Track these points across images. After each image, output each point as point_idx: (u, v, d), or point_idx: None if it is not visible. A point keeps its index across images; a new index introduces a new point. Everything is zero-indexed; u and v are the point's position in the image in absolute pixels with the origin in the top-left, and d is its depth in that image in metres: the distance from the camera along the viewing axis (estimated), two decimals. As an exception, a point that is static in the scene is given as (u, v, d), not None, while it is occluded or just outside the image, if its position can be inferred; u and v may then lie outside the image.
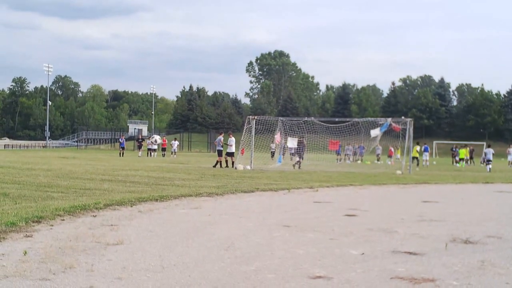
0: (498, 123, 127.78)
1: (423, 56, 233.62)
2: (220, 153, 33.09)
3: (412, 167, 33.04)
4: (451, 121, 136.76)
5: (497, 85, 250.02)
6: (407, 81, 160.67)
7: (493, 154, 41.32)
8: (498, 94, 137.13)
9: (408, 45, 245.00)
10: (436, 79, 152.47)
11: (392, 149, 50.66)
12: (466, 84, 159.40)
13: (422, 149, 49.23)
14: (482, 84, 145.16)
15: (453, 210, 13.65)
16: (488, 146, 43.58)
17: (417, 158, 42.99)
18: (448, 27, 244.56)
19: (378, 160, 51.54)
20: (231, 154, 32.86)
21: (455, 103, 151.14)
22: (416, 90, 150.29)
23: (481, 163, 55.38)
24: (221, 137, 34.34)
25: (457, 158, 52.62)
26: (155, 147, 56.25)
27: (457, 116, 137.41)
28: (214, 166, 31.63)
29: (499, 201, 17.16)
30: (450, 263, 7.20)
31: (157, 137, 56.66)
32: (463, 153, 51.47)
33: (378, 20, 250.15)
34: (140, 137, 62.37)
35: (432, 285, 6.09)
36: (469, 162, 53.11)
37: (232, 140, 32.93)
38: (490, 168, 38.51)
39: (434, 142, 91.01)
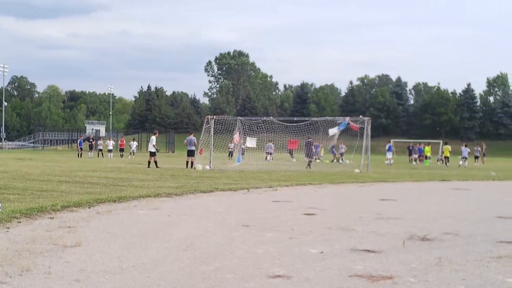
0: (454, 122, 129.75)
1: (381, 55, 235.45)
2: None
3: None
4: (408, 120, 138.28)
5: (452, 84, 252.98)
6: (365, 80, 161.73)
7: (468, 152, 46.04)
8: (454, 93, 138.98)
9: (366, 44, 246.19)
10: (393, 78, 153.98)
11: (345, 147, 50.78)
12: (423, 83, 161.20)
13: (386, 149, 49.93)
14: (439, 83, 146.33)
15: (410, 208, 13.83)
16: (465, 146, 47.24)
17: (448, 157, 46.86)
18: (405, 26, 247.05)
19: (341, 159, 51.34)
20: (151, 154, 32.49)
21: (412, 102, 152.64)
22: (373, 89, 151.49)
23: (437, 161, 56.13)
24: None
25: (415, 156, 53.34)
26: (111, 147, 55.96)
27: (414, 115, 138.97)
28: (189, 167, 31.04)
29: (455, 198, 17.45)
30: (407, 260, 7.29)
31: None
32: (428, 150, 52.29)
33: (337, 18, 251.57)
34: (91, 137, 61.49)
35: (390, 282, 6.16)
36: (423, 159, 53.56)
37: (152, 139, 32.80)
38: (465, 165, 43.76)
39: (392, 140, 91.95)
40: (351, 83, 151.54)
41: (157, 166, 30.94)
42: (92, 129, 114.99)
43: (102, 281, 5.99)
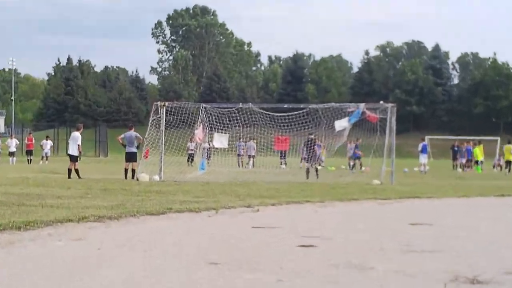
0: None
1: (410, 15, 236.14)
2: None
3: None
4: (450, 107, 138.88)
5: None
6: (387, 49, 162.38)
7: None
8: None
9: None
10: (429, 46, 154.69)
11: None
12: (472, 53, 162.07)
13: (419, 149, 49.82)
14: (495, 54, 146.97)
15: (453, 235, 13.89)
16: None
17: (511, 162, 47.91)
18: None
19: (354, 165, 51.11)
20: (72, 159, 32.33)
21: (456, 81, 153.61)
22: (400, 63, 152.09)
23: (493, 167, 56.46)
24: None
25: (462, 161, 53.22)
26: (13, 149, 55.66)
27: (459, 100, 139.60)
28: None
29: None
30: (450, 312, 7.35)
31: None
32: (479, 151, 52.11)
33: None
34: None
35: None
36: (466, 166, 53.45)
37: (74, 136, 32.44)
38: None
39: (427, 137, 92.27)
40: (367, 53, 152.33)
41: (79, 177, 30.85)
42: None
43: None
